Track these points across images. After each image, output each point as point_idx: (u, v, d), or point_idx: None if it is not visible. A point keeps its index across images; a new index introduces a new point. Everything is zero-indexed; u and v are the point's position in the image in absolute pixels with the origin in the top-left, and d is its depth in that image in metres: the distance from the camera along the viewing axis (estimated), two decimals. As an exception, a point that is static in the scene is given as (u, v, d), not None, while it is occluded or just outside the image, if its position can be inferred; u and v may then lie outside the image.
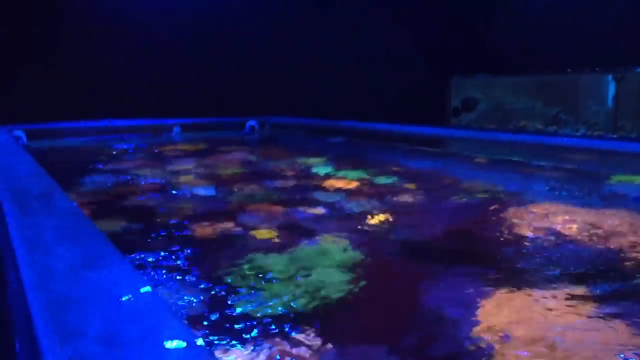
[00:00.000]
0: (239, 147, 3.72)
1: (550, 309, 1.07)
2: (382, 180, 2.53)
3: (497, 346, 0.94)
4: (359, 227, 1.75)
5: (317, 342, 0.98)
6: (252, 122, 4.35)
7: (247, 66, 4.95)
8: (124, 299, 0.65)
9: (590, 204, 1.94)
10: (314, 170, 2.84)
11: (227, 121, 4.43)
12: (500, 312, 1.06)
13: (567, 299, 1.12)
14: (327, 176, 2.65)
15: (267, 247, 1.51)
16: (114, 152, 3.46)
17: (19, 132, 3.39)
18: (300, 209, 1.99)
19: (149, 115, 4.20)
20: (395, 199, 2.14)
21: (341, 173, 2.71)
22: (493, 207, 1.97)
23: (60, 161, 3.03)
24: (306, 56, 4.99)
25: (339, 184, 2.47)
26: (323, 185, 2.46)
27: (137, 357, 0.52)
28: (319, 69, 4.98)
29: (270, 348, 0.96)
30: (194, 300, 1.14)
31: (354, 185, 2.43)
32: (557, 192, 2.22)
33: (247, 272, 1.32)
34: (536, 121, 5.03)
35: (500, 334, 0.97)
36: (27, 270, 0.70)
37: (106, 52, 4.38)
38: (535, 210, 1.84)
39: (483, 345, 0.94)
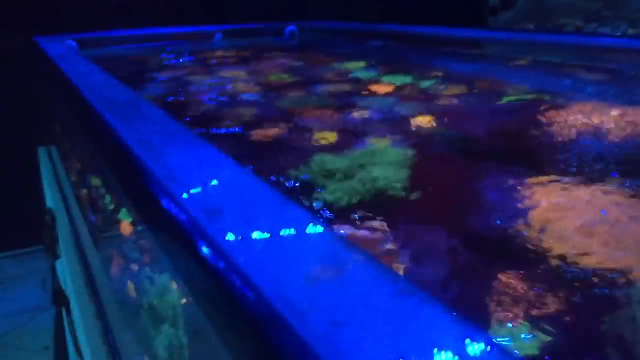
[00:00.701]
0: (280, 52, 3.78)
1: (591, 203, 1.19)
2: (426, 83, 2.60)
3: (537, 234, 1.06)
4: (408, 128, 1.86)
5: (377, 223, 1.12)
6: (291, 27, 4.37)
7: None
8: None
9: (634, 102, 1.99)
10: (357, 75, 2.92)
11: (267, 26, 4.46)
12: (541, 204, 1.19)
13: (607, 193, 1.23)
14: (371, 81, 2.73)
15: (325, 148, 1.65)
16: (163, 60, 3.57)
17: (70, 42, 3.51)
18: (351, 113, 2.10)
19: (191, 22, 4.26)
20: (441, 102, 2.23)
21: (384, 77, 2.79)
22: (536, 108, 2.04)
23: (115, 70, 3.16)
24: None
25: (384, 88, 2.56)
26: (369, 89, 2.55)
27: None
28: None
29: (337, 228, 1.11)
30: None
31: (398, 89, 2.52)
32: (599, 93, 2.27)
33: (309, 168, 1.46)
34: (576, 18, 4.92)
35: (541, 224, 1.10)
36: (154, 165, 0.84)
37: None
38: (579, 109, 1.91)
39: (527, 231, 1.07)
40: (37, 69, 3.70)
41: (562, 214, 1.13)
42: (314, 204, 1.23)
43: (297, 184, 1.36)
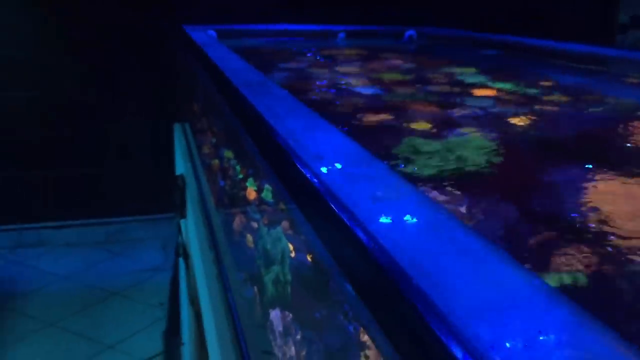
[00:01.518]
0: (397, 54, 4.03)
1: (630, 193, 1.34)
2: (531, 91, 2.74)
3: (589, 215, 1.24)
4: (502, 126, 2.05)
5: (459, 194, 1.35)
6: (411, 32, 4.60)
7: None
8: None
9: None
10: (466, 79, 3.10)
11: (387, 30, 4.72)
12: (614, 203, 1.35)
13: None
14: (477, 85, 2.91)
15: (421, 134, 1.89)
16: (290, 53, 3.95)
17: (211, 32, 3.98)
18: (452, 109, 2.32)
19: (318, 22, 4.62)
20: (540, 107, 2.38)
21: (491, 83, 2.95)
22: (634, 120, 2.14)
23: (247, 59, 3.58)
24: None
25: (488, 92, 2.74)
26: (473, 92, 2.73)
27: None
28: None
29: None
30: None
31: (501, 93, 2.69)
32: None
33: (405, 149, 1.71)
34: None
35: (594, 208, 1.28)
36: (279, 128, 1.12)
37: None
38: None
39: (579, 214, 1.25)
40: (180, 54, 4.21)
41: (615, 202, 1.30)
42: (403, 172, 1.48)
43: (389, 158, 1.61)
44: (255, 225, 1.79)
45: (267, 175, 1.48)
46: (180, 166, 3.59)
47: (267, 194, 1.55)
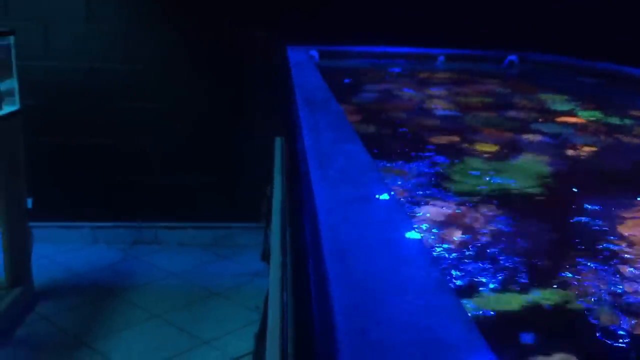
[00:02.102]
0: (493, 79, 4.06)
1: None
2: (615, 121, 2.70)
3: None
4: (567, 154, 2.08)
5: (498, 212, 1.45)
6: (512, 57, 4.59)
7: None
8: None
9: None
10: (553, 106, 3.10)
11: (488, 54, 4.75)
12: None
13: None
14: (562, 113, 2.91)
15: (481, 155, 1.98)
16: (384, 74, 4.12)
17: (313, 52, 4.24)
18: (523, 135, 2.37)
19: (419, 44, 4.74)
20: (618, 138, 2.37)
21: (579, 112, 2.94)
22: None
23: (342, 77, 3.80)
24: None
25: (571, 120, 2.74)
26: (554, 119, 2.75)
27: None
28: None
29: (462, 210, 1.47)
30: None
31: (585, 123, 2.68)
32: None
33: (460, 168, 1.82)
34: None
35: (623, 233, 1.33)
36: (309, 141, 1.30)
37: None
38: None
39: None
40: (281, 71, 4.51)
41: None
42: (449, 187, 1.61)
43: (440, 175, 1.74)
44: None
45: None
46: (275, 178, 3.86)
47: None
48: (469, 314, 0.64)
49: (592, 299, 1.02)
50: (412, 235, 0.83)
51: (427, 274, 0.69)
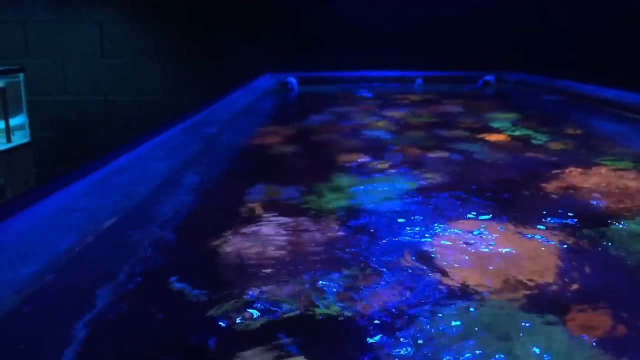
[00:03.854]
0: (460, 99, 4.20)
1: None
2: (543, 138, 2.81)
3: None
4: (458, 170, 2.23)
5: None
6: (488, 77, 4.72)
7: (493, 22, 5.27)
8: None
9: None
10: (493, 124, 3.23)
11: (464, 75, 4.89)
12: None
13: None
14: (494, 130, 3.04)
15: (366, 172, 2.18)
16: (353, 98, 4.32)
17: (291, 79, 4.50)
18: (431, 153, 2.53)
19: (397, 68, 4.93)
20: (517, 154, 2.49)
21: (510, 129, 3.06)
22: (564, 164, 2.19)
23: (309, 101, 4.05)
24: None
25: (495, 137, 2.87)
26: (480, 137, 2.88)
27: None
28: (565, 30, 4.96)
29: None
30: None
31: (503, 138, 2.82)
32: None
33: (324, 183, 2.01)
34: None
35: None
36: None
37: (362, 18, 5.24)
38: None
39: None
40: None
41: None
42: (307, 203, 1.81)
43: (305, 190, 1.93)
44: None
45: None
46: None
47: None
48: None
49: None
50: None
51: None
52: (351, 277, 1.27)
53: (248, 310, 1.11)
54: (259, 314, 1.10)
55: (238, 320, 1.08)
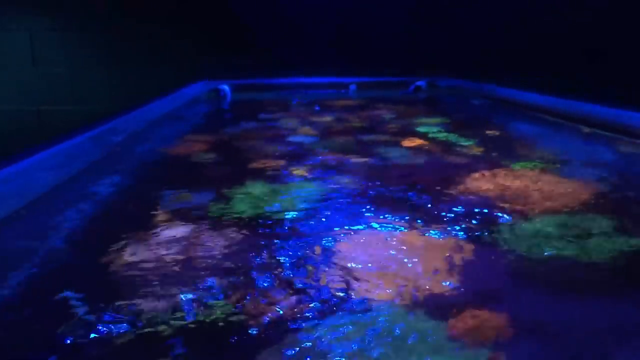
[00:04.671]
0: (392, 105, 4.24)
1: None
2: (458, 141, 2.87)
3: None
4: (376, 173, 2.24)
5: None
6: (419, 83, 4.79)
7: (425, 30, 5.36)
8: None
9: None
10: (418, 129, 3.27)
11: (395, 81, 4.96)
12: None
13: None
14: (417, 134, 3.08)
15: (289, 175, 2.18)
16: (283, 104, 4.31)
17: (224, 86, 4.46)
18: (350, 157, 2.54)
19: (331, 74, 4.96)
20: (435, 156, 2.53)
21: (436, 133, 3.11)
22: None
23: (241, 109, 4.02)
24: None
25: (417, 142, 2.91)
26: (403, 141, 2.92)
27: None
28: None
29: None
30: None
31: (424, 143, 2.85)
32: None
33: (238, 188, 1.99)
34: None
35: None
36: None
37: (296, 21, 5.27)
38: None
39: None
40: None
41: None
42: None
43: (214, 197, 1.91)
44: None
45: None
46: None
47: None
48: None
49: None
50: None
51: None
52: (241, 284, 1.25)
53: (127, 320, 1.09)
54: (138, 324, 1.08)
55: (115, 332, 1.05)
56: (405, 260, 1.38)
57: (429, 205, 1.81)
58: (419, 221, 1.64)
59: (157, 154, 2.70)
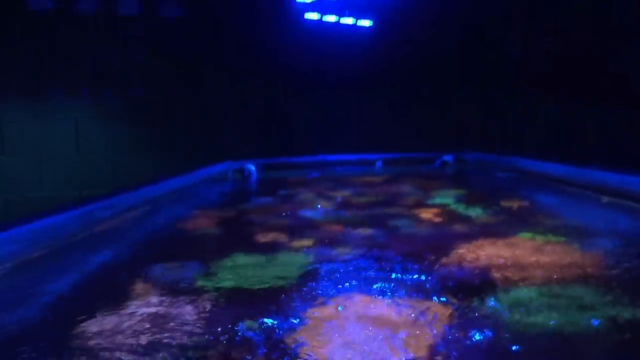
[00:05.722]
0: (416, 179, 4.22)
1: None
2: (471, 211, 2.81)
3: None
4: (378, 244, 2.21)
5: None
6: (446, 157, 4.77)
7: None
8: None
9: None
10: (435, 200, 3.24)
11: (421, 156, 4.95)
12: None
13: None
14: (434, 206, 3.03)
15: (286, 248, 2.17)
16: (307, 181, 4.35)
17: (249, 165, 4.56)
18: (355, 230, 2.51)
19: (359, 151, 5.01)
20: (451, 228, 2.48)
21: (451, 205, 3.06)
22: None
23: (263, 186, 4.08)
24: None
25: (429, 213, 2.86)
26: (415, 212, 2.87)
27: None
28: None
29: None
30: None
31: (436, 214, 2.80)
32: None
33: (225, 260, 1.98)
34: None
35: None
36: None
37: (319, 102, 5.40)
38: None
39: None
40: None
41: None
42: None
43: (202, 270, 1.91)
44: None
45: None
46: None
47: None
48: None
49: None
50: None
51: None
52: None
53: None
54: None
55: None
56: (381, 337, 1.32)
57: (419, 277, 1.76)
58: (402, 293, 1.59)
59: (164, 227, 2.75)
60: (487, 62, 5.36)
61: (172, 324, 1.43)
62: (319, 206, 3.19)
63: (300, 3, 5.35)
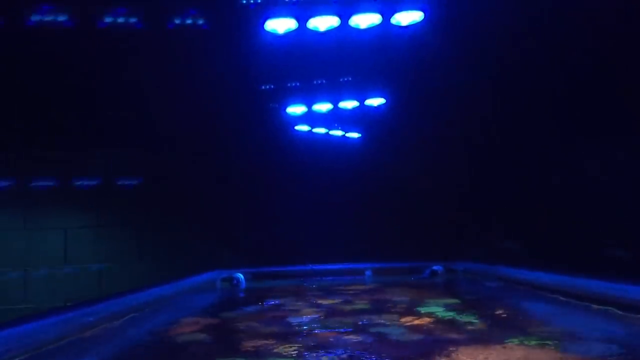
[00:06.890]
0: (406, 288, 4.19)
1: None
2: (459, 320, 2.78)
3: None
4: (362, 349, 2.16)
5: None
6: (436, 267, 4.76)
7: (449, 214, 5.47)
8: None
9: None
10: (424, 308, 3.20)
11: (410, 266, 4.95)
12: None
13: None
14: (423, 314, 2.99)
15: (265, 355, 2.11)
16: (296, 290, 4.30)
17: (238, 275, 4.53)
18: (343, 336, 2.46)
19: (348, 260, 5.00)
20: (437, 335, 2.43)
21: (440, 313, 3.02)
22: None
23: (250, 295, 4.03)
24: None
25: (417, 321, 2.82)
26: (404, 320, 2.84)
27: None
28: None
29: None
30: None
31: (424, 322, 2.76)
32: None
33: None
34: None
35: None
36: None
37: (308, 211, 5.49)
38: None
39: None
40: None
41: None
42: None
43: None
44: None
45: None
46: None
47: None
48: None
49: None
50: None
51: None
52: None
53: None
54: None
55: None
56: None
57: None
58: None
59: (146, 335, 2.70)
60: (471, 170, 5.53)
61: None
62: (306, 314, 3.15)
63: (290, 116, 5.58)
